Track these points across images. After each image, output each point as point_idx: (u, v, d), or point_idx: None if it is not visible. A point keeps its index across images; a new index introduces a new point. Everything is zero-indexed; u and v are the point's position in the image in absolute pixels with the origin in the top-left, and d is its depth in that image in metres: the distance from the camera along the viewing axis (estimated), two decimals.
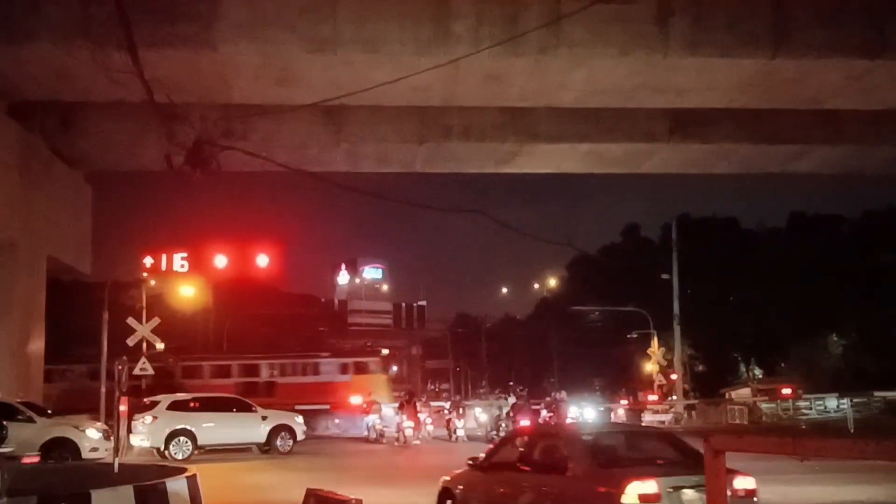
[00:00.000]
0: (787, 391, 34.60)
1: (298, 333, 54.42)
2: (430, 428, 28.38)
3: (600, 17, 14.82)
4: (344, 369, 35.01)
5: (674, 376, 39.53)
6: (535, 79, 17.04)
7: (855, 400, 33.17)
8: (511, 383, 30.93)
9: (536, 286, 71.30)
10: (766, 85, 17.38)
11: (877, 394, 32.72)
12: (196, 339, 42.30)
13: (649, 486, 7.47)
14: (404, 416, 26.43)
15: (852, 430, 25.84)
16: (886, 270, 41.46)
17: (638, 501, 7.41)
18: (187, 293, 33.94)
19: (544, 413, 27.70)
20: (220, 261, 26.46)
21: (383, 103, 18.49)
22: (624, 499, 7.44)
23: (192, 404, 22.71)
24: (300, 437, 23.75)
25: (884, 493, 13.03)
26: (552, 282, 64.20)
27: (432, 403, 30.59)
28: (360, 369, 34.95)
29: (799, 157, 21.89)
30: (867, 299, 42.17)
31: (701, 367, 47.00)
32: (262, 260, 26.83)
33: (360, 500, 6.31)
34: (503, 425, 26.72)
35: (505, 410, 27.17)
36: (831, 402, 35.29)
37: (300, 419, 24.71)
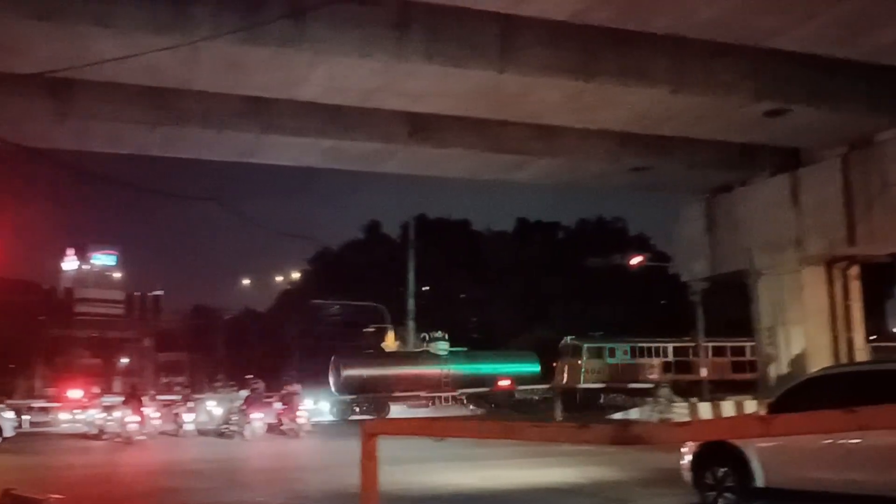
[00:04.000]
0: (504, 383, 36.91)
1: (12, 322, 49.83)
2: (156, 422, 27.31)
3: (343, 17, 15.18)
4: None
5: None
6: (277, 70, 17.08)
7: None
8: (249, 376, 30.34)
9: (279, 279, 70.76)
10: (494, 97, 18.80)
11: (579, 386, 36.03)
12: None
13: None
14: (128, 411, 25.27)
15: (560, 418, 28.55)
16: (593, 272, 46.39)
17: None
18: None
19: (277, 405, 27.70)
20: None
21: (117, 81, 17.57)
22: None
23: None
24: (8, 433, 22.05)
25: (578, 474, 14.62)
26: (294, 275, 64.09)
27: (160, 397, 29.38)
28: None
29: (521, 167, 23.88)
30: (576, 296, 46.91)
31: None
32: None
33: (62, 499, 6.18)
34: (234, 418, 26.39)
35: (237, 404, 26.82)
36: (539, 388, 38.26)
37: (10, 414, 22.87)
